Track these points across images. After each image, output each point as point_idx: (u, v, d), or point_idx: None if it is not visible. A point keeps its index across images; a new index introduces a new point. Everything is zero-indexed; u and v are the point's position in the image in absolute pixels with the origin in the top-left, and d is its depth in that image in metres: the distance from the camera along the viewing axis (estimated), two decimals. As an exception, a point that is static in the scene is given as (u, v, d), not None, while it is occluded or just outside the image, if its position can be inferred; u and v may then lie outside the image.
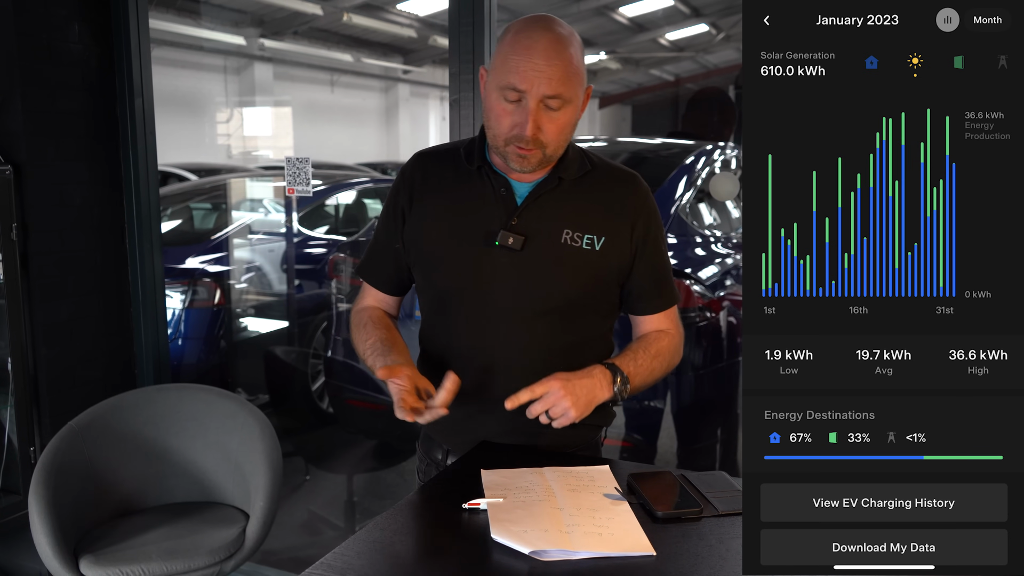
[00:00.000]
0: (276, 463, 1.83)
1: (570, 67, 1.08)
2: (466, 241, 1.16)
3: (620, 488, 1.05)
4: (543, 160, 1.13)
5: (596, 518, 0.96)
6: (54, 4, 2.08)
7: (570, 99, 1.09)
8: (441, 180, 1.21)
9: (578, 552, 0.89)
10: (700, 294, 2.47)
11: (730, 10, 7.57)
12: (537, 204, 1.16)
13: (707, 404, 2.50)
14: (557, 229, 1.15)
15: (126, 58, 2.21)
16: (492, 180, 1.17)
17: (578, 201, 1.18)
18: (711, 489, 1.05)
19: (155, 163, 2.32)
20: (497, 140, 1.12)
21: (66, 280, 2.16)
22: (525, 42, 1.07)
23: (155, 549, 1.70)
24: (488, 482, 1.05)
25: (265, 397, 3.30)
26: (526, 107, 1.07)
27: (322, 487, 2.96)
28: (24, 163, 2.04)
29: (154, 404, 1.96)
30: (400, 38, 10.16)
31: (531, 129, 1.07)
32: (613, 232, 1.17)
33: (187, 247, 3.50)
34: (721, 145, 3.40)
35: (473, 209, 1.17)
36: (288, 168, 2.15)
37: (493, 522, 0.94)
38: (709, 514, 0.99)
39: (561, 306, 1.17)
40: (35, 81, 2.05)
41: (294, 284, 3.63)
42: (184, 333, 3.14)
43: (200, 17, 7.40)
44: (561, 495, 1.02)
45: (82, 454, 1.82)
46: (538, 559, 0.88)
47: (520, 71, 1.06)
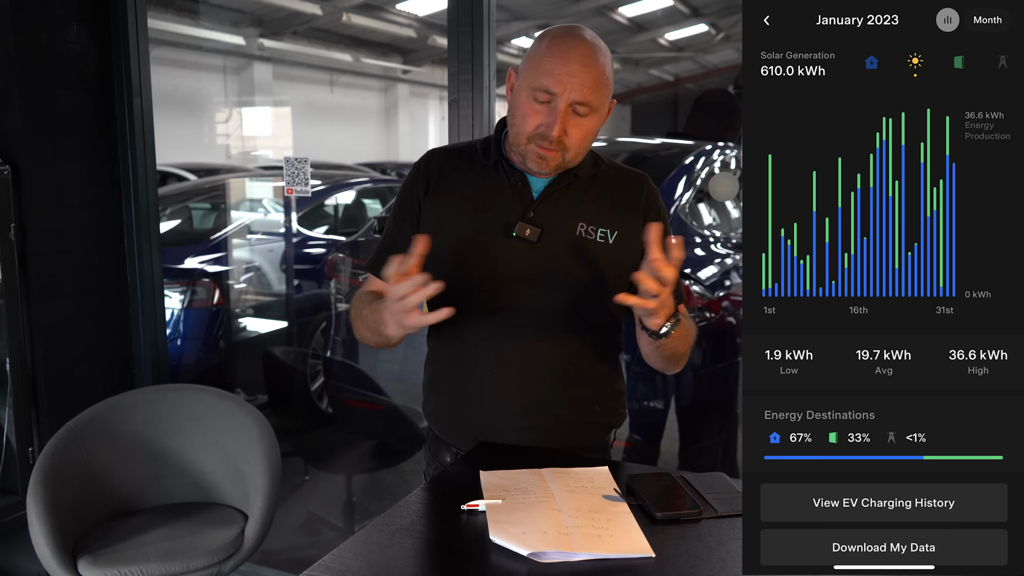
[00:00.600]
0: (275, 463, 1.83)
1: (602, 76, 1.12)
2: (483, 233, 1.18)
3: (619, 489, 1.05)
4: (561, 165, 1.15)
5: (595, 520, 0.96)
6: (52, 4, 2.08)
7: (597, 108, 1.12)
8: (457, 174, 1.23)
9: (577, 554, 0.88)
10: (700, 294, 2.47)
11: (729, 10, 7.59)
12: (553, 198, 1.19)
13: (707, 404, 2.50)
14: (572, 223, 1.18)
15: (125, 58, 2.21)
16: (509, 175, 1.20)
17: (592, 197, 1.20)
18: (710, 490, 1.05)
19: (154, 163, 2.32)
20: (520, 138, 1.14)
21: (64, 280, 2.16)
22: (563, 47, 1.10)
23: (153, 550, 1.70)
24: (487, 483, 1.05)
25: (264, 397, 3.30)
26: (555, 109, 1.10)
27: (321, 487, 2.96)
28: (22, 163, 2.04)
29: (153, 404, 1.96)
30: (399, 38, 10.16)
31: (558, 130, 1.10)
32: (626, 228, 1.20)
33: (186, 247, 3.50)
34: (721, 145, 3.40)
35: (490, 202, 1.19)
36: (287, 168, 2.15)
37: (492, 524, 0.94)
38: (708, 515, 0.99)
39: (576, 298, 1.18)
40: (34, 81, 2.04)
41: (293, 284, 3.63)
42: (183, 333, 3.14)
43: (199, 17, 7.39)
44: (560, 496, 1.02)
45: (80, 454, 1.82)
46: (537, 561, 0.88)
47: (555, 74, 1.09)
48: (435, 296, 1.24)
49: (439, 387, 1.26)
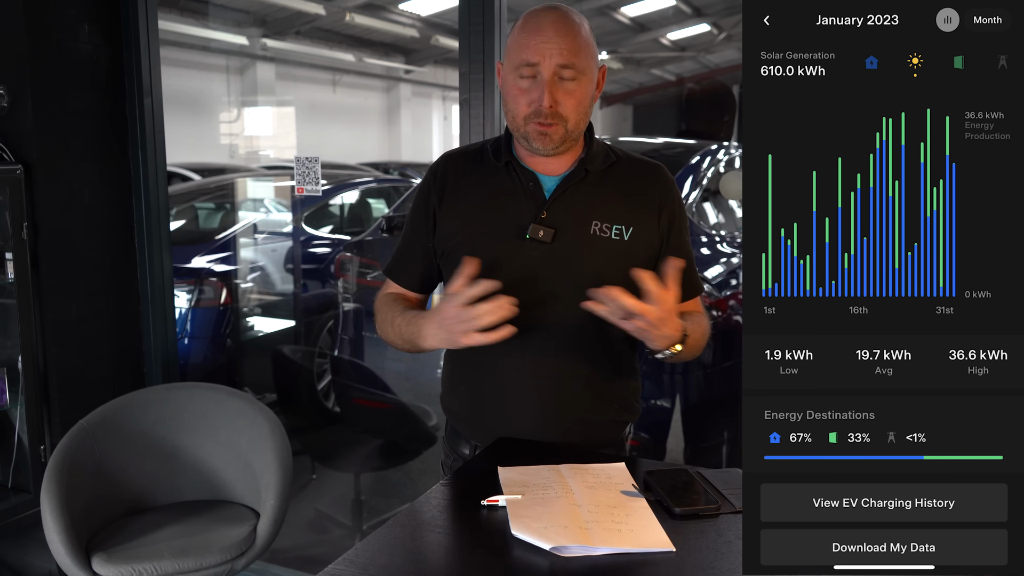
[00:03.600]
0: (286, 461, 1.84)
1: (580, 38, 1.12)
2: (497, 237, 1.18)
3: (636, 485, 1.05)
4: (565, 136, 1.14)
5: (615, 515, 0.96)
6: (64, 4, 2.09)
7: (583, 70, 1.12)
8: (471, 178, 1.23)
9: (598, 548, 0.89)
10: (707, 293, 2.47)
11: (731, 10, 7.55)
12: (565, 196, 1.18)
13: (715, 403, 2.49)
14: (586, 221, 1.17)
15: (136, 58, 2.23)
16: (520, 175, 1.19)
17: (605, 192, 1.19)
18: (728, 486, 1.05)
19: (164, 163, 2.33)
20: (517, 121, 1.15)
21: (76, 279, 2.18)
22: (535, 20, 1.12)
23: (167, 547, 1.71)
24: (505, 479, 1.05)
25: (272, 396, 3.32)
26: (541, 81, 1.11)
27: (328, 486, 2.97)
28: (34, 163, 2.06)
29: (164, 403, 1.98)
30: (402, 38, 10.16)
31: (548, 100, 1.10)
32: (641, 222, 1.19)
33: (193, 246, 3.52)
34: (726, 144, 3.40)
35: (503, 204, 1.19)
36: (298, 167, 2.16)
37: (513, 519, 0.94)
38: (727, 511, 0.98)
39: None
40: (45, 81, 2.06)
41: (300, 283, 3.65)
42: (190, 332, 3.16)
43: (203, 17, 7.42)
44: (579, 492, 1.02)
45: (93, 452, 1.84)
46: (559, 555, 0.88)
47: (531, 46, 1.10)
48: None
49: (457, 385, 1.27)
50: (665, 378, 2.43)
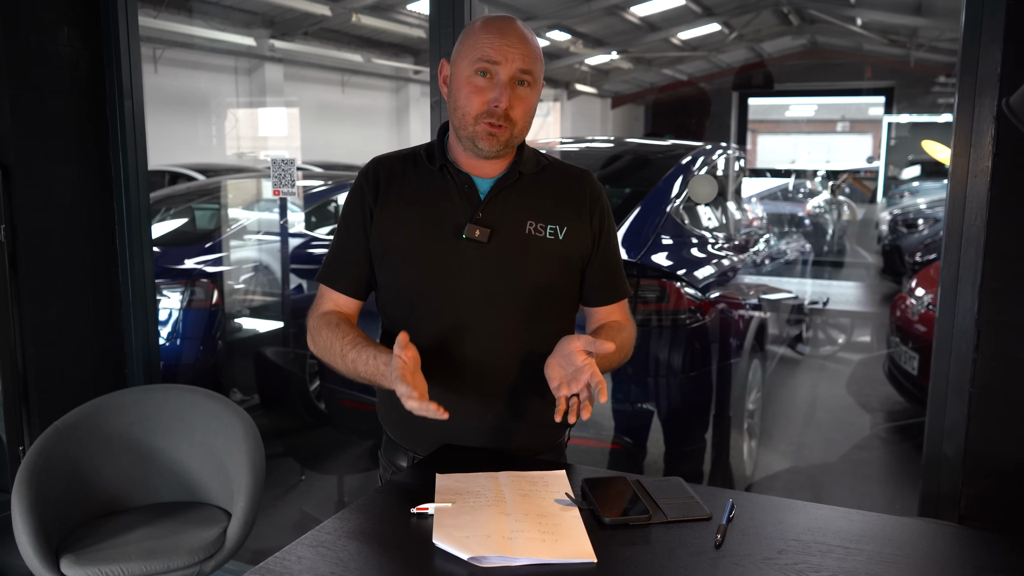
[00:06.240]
0: (259, 464, 1.84)
1: (538, 51, 1.17)
2: (433, 237, 1.18)
3: (571, 494, 1.03)
4: (509, 141, 1.16)
5: (542, 524, 0.96)
6: (42, 7, 2.10)
7: (537, 79, 1.17)
8: (404, 180, 1.23)
9: (518, 558, 0.88)
10: (692, 296, 2.44)
11: (742, 9, 7.51)
12: (500, 198, 1.19)
13: (697, 407, 2.46)
14: (521, 221, 1.19)
15: (116, 60, 2.23)
16: (455, 177, 1.20)
17: (538, 194, 1.21)
18: (665, 495, 1.03)
19: (145, 164, 2.33)
20: (467, 119, 1.15)
21: (56, 281, 2.18)
22: (498, 25, 1.15)
23: (135, 549, 1.71)
24: (441, 487, 1.05)
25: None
26: (499, 82, 1.13)
27: (315, 487, 2.97)
28: (13, 165, 2.07)
29: (140, 404, 1.98)
30: (410, 38, 10.19)
31: (505, 101, 1.12)
32: (573, 223, 1.21)
33: (187, 247, 3.53)
34: (723, 146, 3.36)
35: (438, 206, 1.19)
36: (274, 170, 2.16)
37: (437, 527, 0.94)
38: (658, 520, 0.97)
39: (529, 296, 1.18)
40: (24, 83, 2.07)
41: (290, 285, 3.65)
42: (182, 333, 3.17)
43: (211, 18, 7.47)
44: (511, 500, 1.01)
45: (67, 454, 1.84)
46: (477, 565, 0.87)
47: (495, 46, 1.13)
48: (393, 302, 1.24)
49: (393, 396, 1.25)
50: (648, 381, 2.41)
